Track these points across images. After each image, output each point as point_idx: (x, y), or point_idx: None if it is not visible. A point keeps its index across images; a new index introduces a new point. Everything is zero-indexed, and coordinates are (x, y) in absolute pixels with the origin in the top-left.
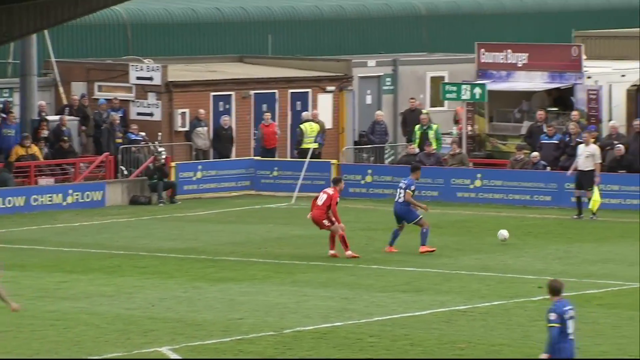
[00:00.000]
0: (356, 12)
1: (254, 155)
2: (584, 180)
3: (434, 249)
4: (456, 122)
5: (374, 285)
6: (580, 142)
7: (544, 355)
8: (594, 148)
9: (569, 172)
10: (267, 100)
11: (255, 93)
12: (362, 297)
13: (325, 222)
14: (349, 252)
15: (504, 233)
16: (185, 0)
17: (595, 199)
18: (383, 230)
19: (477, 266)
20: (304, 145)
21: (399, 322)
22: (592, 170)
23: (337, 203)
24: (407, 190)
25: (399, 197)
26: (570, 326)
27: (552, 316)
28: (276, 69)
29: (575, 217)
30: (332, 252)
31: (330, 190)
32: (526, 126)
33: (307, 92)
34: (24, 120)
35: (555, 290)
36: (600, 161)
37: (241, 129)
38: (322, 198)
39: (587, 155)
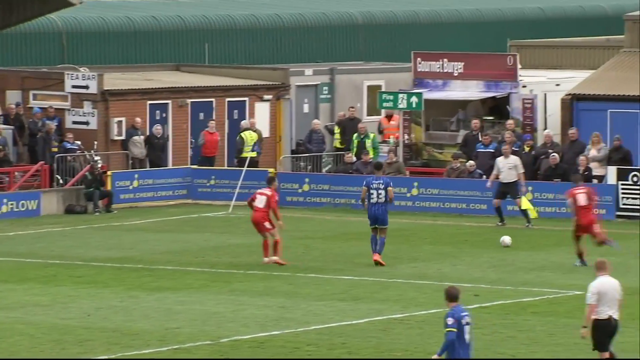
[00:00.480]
0: (293, 21)
1: (191, 164)
2: (510, 191)
3: (385, 264)
4: (380, 132)
5: (312, 294)
6: (500, 155)
7: (435, 356)
8: (515, 159)
9: (488, 183)
10: (204, 109)
11: (192, 102)
12: (300, 306)
13: (267, 224)
14: (275, 257)
15: (505, 240)
16: (121, 9)
17: (529, 207)
18: (321, 239)
19: (414, 274)
20: (243, 154)
21: (336, 330)
22: (517, 181)
23: (277, 201)
24: (389, 188)
25: (380, 198)
26: (467, 332)
27: (450, 321)
28: (213, 78)
29: (499, 224)
30: (266, 259)
31: (267, 191)
32: (462, 135)
33: (245, 100)
34: None
35: (451, 296)
36: (523, 171)
37: (178, 137)
38: (261, 200)
39: (509, 167)
